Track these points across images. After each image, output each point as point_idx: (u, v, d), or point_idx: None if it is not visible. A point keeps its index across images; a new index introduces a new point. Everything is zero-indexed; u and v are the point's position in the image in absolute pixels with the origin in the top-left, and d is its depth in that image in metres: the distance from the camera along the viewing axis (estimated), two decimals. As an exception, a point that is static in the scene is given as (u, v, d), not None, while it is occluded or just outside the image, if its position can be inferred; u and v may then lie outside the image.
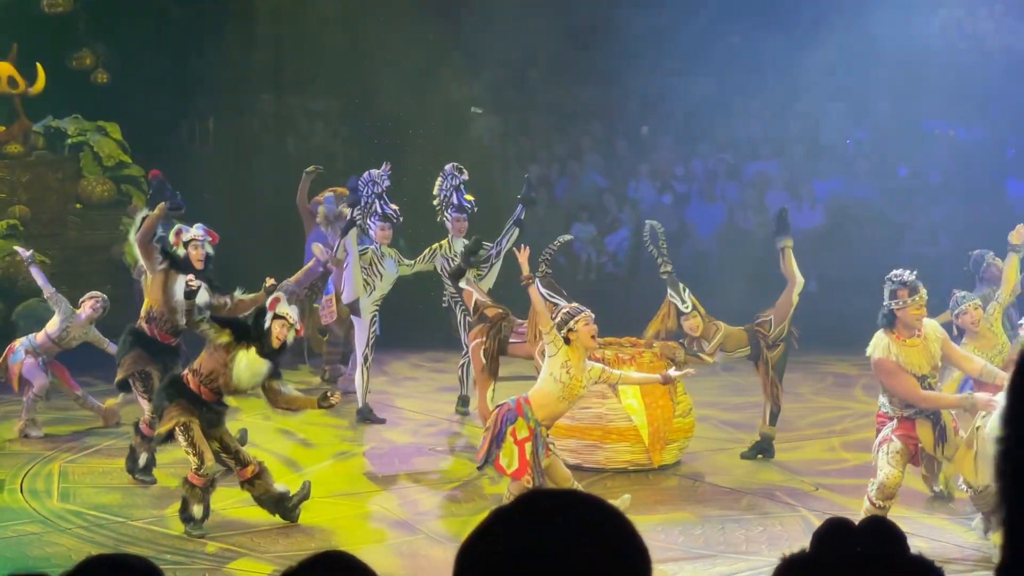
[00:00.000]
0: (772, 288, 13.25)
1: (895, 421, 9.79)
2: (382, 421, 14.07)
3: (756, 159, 21.59)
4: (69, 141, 19.16)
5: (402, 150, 20.04)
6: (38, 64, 18.50)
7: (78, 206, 18.97)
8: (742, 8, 21.05)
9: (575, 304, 10.40)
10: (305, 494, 10.62)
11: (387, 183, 14.26)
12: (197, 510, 10.34)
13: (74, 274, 17.80)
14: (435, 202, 14.43)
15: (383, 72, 20.17)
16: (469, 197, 14.44)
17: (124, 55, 19.89)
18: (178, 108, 20.90)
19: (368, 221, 14.16)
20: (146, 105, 19.49)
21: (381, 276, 14.04)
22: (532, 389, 10.18)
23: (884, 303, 9.70)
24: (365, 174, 14.35)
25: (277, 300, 10.50)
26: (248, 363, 10.33)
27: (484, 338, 12.85)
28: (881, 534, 3.49)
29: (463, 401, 14.27)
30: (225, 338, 10.35)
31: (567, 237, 15.04)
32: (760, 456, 12.55)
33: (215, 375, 10.36)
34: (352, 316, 14.22)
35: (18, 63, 18.52)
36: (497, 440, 9.94)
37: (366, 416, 13.98)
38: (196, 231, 12.07)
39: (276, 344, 10.35)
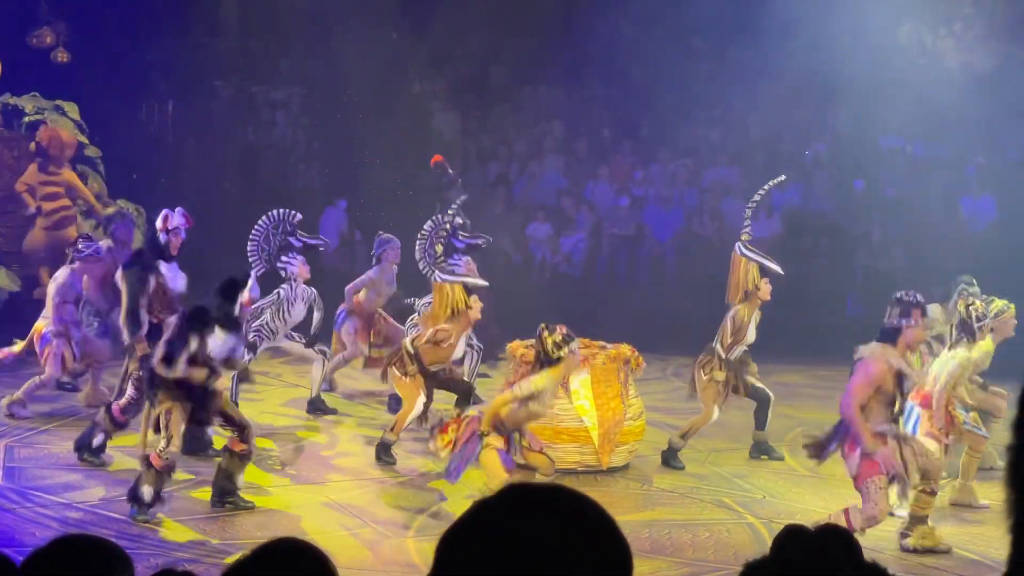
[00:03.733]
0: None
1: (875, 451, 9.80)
2: (333, 411, 14.07)
3: (715, 166, 21.69)
4: (26, 119, 18.97)
5: (363, 143, 20.03)
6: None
7: (33, 184, 18.79)
8: (706, 16, 21.11)
9: (564, 327, 10.49)
10: (246, 506, 10.67)
11: (298, 218, 13.73)
12: (147, 492, 10.27)
13: (27, 253, 17.66)
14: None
15: (346, 64, 20.13)
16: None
17: (86, 34, 19.76)
18: (138, 90, 20.78)
19: (282, 260, 13.55)
20: (106, 86, 19.37)
21: (286, 321, 13.48)
22: (495, 408, 10.33)
23: (892, 320, 9.84)
24: (264, 220, 13.63)
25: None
26: (218, 337, 10.39)
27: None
28: (835, 540, 3.54)
29: (397, 400, 13.88)
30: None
31: (462, 196, 14.81)
32: (764, 457, 12.80)
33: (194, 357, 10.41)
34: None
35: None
36: (467, 458, 10.23)
37: (317, 407, 13.99)
38: (179, 219, 12.04)
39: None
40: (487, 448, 10.12)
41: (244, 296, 10.61)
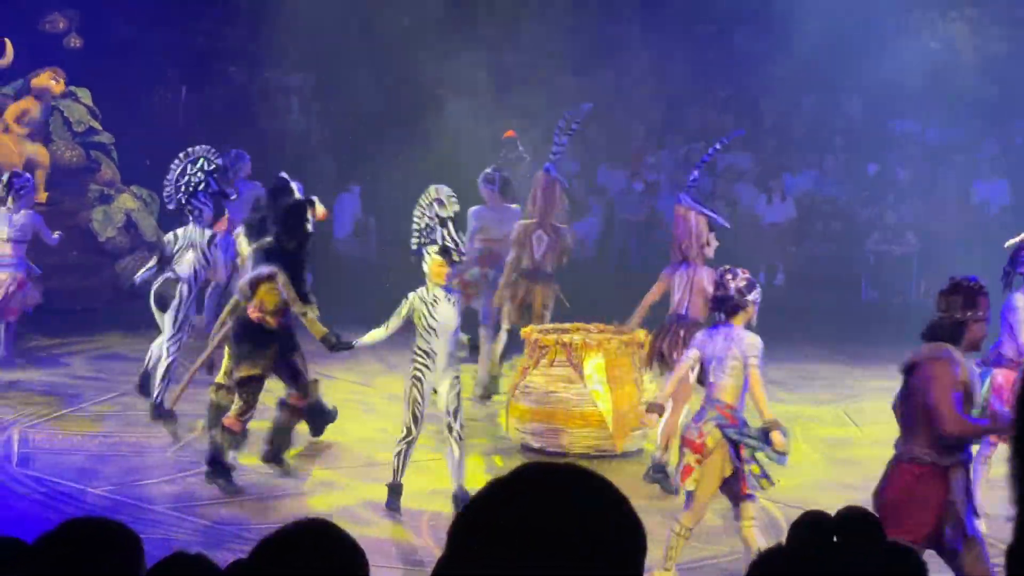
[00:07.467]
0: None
1: None
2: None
3: (728, 151, 21.64)
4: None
5: (375, 129, 20.01)
6: (6, 40, 18.32)
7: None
8: (717, 0, 21.10)
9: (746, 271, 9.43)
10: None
11: (220, 160, 13.24)
12: (229, 456, 10.69)
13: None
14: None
15: (358, 50, 20.11)
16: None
17: (98, 20, 19.77)
18: (150, 76, 20.79)
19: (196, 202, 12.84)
20: (118, 71, 19.38)
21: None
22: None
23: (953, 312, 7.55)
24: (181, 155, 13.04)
25: None
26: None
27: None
28: (857, 523, 3.50)
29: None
30: None
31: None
32: None
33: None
34: None
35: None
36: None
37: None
38: None
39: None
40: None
41: None
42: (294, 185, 11.78)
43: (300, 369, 10.89)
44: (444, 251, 10.44)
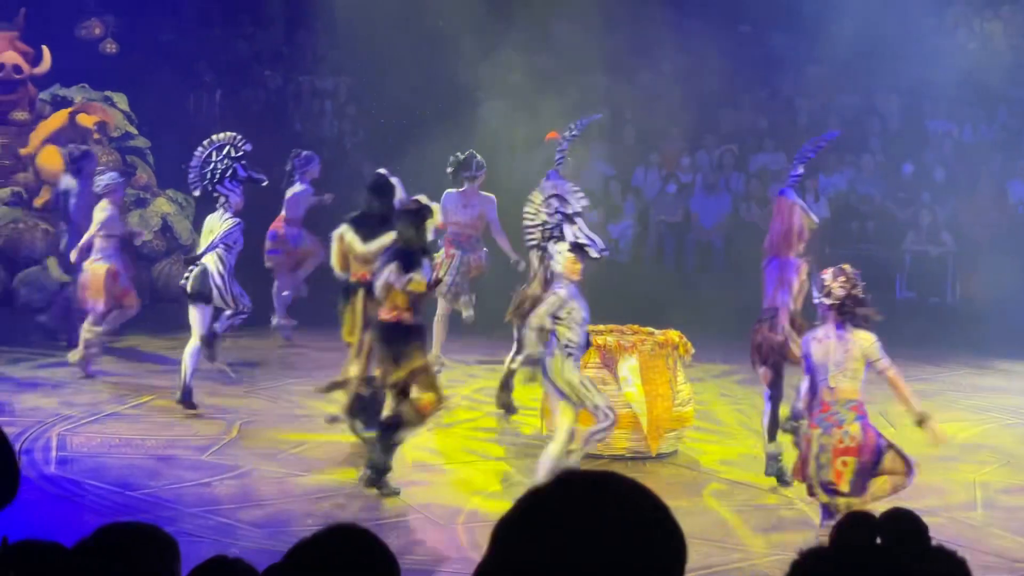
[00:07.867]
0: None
1: None
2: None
3: (760, 150, 21.63)
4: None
5: (409, 132, 20.04)
6: (44, 47, 18.43)
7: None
8: (751, 1, 21.07)
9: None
10: (391, 492, 10.68)
11: (248, 146, 13.24)
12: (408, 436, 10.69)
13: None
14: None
15: (392, 54, 20.16)
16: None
17: (133, 26, 19.88)
18: (186, 80, 20.89)
19: (225, 186, 13.04)
20: (153, 76, 19.47)
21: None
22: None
23: None
24: (207, 142, 13.17)
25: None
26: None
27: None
28: (902, 525, 3.49)
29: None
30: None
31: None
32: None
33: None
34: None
35: (26, 32, 18.46)
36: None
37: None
38: None
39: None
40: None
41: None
42: (394, 180, 11.91)
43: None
44: (576, 248, 10.28)
